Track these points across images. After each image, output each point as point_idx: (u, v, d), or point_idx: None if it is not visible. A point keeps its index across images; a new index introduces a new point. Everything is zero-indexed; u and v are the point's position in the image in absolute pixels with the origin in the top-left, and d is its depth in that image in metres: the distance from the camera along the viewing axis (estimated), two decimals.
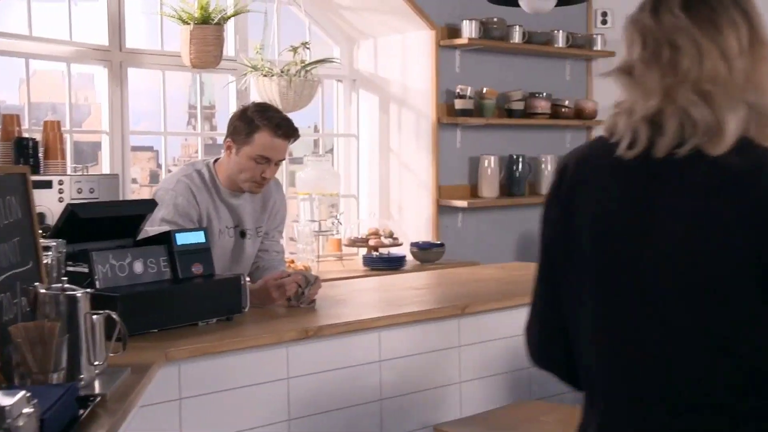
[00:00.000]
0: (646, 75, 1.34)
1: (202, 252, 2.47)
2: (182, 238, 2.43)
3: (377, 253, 4.65)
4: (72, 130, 4.07)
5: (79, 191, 3.47)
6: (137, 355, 2.01)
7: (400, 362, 2.66)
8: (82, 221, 2.22)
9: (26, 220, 1.85)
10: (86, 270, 2.21)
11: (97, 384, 1.73)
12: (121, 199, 3.75)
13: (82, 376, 1.68)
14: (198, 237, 2.47)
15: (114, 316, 1.76)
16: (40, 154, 3.49)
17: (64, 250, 2.10)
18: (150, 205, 2.43)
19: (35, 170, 3.45)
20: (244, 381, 2.31)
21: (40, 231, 2.00)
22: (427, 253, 4.67)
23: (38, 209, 3.25)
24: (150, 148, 6.16)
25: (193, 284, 2.39)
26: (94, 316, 1.75)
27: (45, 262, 2.03)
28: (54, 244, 2.04)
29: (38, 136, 3.54)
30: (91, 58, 4.10)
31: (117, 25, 4.13)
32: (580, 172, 1.39)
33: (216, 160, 2.90)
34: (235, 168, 2.80)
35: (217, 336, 2.29)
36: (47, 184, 3.40)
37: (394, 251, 4.69)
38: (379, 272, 4.42)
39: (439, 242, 4.74)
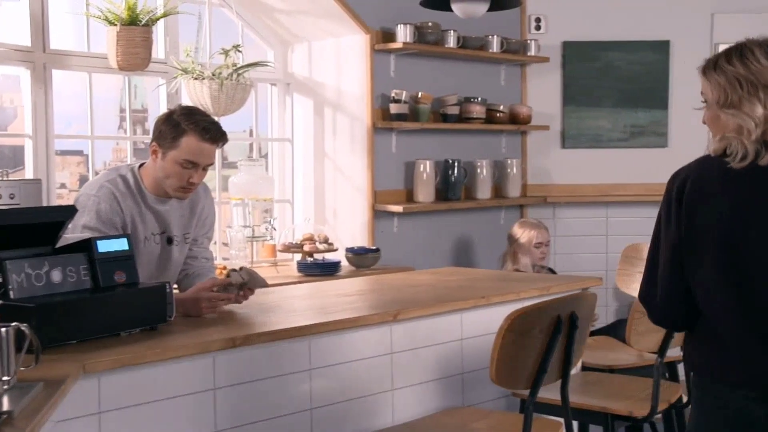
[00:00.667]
0: (751, 109, 1.88)
1: (125, 259, 2.39)
2: (104, 246, 2.35)
3: (312, 259, 4.60)
4: None
5: None
6: (53, 369, 1.93)
7: (331, 370, 2.62)
8: None
9: None
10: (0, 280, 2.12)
11: (5, 400, 1.65)
12: (44, 204, 3.63)
13: None
14: (121, 244, 2.39)
15: (24, 328, 1.68)
16: None
17: None
18: (69, 211, 2.34)
19: None
20: (167, 393, 2.24)
21: None
22: (362, 259, 4.64)
23: None
24: (80, 152, 6.00)
25: (115, 293, 2.31)
26: (2, 329, 1.67)
27: None
28: None
29: None
30: (12, 59, 3.96)
31: (40, 26, 4.00)
32: (697, 183, 1.92)
33: (141, 165, 2.82)
34: (162, 173, 2.72)
35: (139, 346, 2.21)
36: None
37: (329, 257, 4.64)
38: (313, 278, 4.36)
39: (374, 247, 4.71)
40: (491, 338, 2.34)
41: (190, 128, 2.67)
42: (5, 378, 1.65)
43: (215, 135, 2.70)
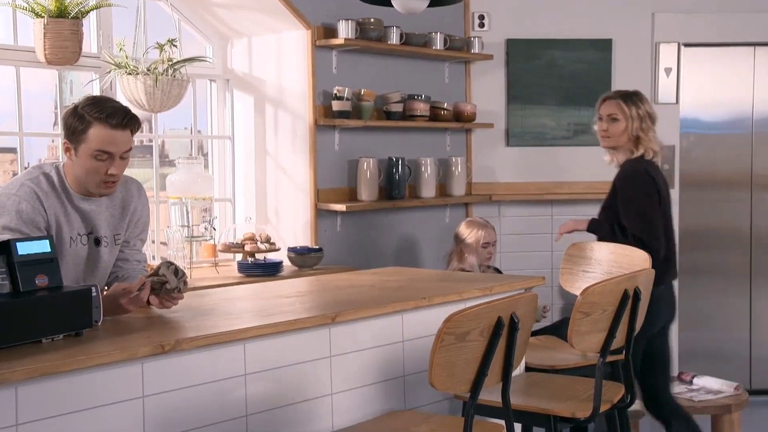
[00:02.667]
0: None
1: (47, 262, 2.27)
2: (24, 248, 2.23)
3: (253, 259, 4.49)
4: None
5: None
6: None
7: (268, 374, 2.53)
8: None
9: None
10: None
11: None
12: None
13: None
14: (42, 246, 2.27)
15: None
16: None
17: None
18: None
19: None
20: (92, 402, 2.13)
21: None
22: (304, 258, 4.55)
23: None
24: (14, 150, 5.81)
25: (36, 297, 2.19)
26: None
27: None
28: None
29: None
30: None
31: None
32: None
33: (65, 164, 2.69)
34: (79, 170, 2.59)
35: (61, 354, 2.10)
36: None
37: (271, 257, 4.55)
38: (255, 279, 4.27)
39: (317, 247, 4.63)
40: (433, 340, 2.28)
41: (94, 117, 2.54)
42: None
43: (122, 120, 2.56)
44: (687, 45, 5.52)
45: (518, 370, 3.11)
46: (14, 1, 3.84)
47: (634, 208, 3.61)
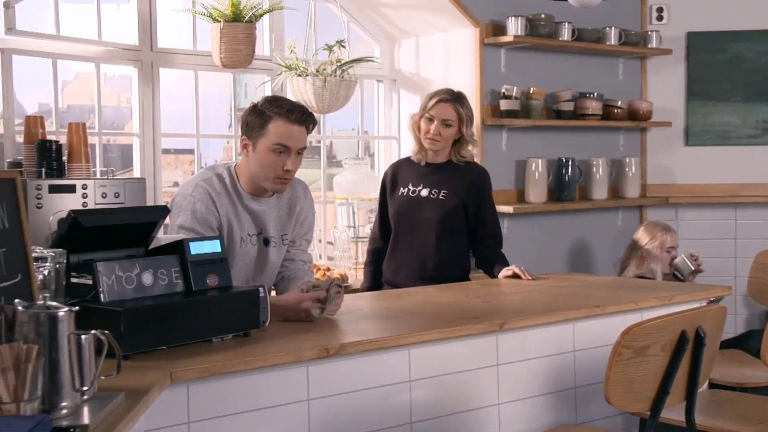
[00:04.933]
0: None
1: (218, 262, 2.29)
2: (196, 248, 2.26)
3: None
4: (101, 132, 3.95)
5: (104, 196, 3.34)
6: (139, 377, 1.85)
7: (433, 381, 2.46)
8: (85, 230, 2.07)
9: (15, 230, 1.69)
10: (90, 282, 2.05)
11: (85, 412, 1.56)
12: (148, 204, 3.62)
13: (64, 404, 1.51)
14: (214, 246, 2.30)
15: (101, 336, 1.59)
16: (64, 158, 3.37)
17: (64, 261, 1.96)
18: (161, 211, 2.27)
19: (59, 174, 3.34)
20: (259, 403, 2.13)
21: None
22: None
23: (59, 214, 3.14)
24: (192, 151, 6.08)
25: (207, 297, 2.22)
26: (83, 337, 1.59)
27: (46, 273, 1.89)
28: (51, 254, 1.88)
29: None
30: (120, 58, 3.98)
31: (148, 24, 4.00)
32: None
33: (238, 164, 2.73)
34: (256, 165, 2.63)
35: (230, 354, 2.11)
36: (71, 188, 3.28)
37: None
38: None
39: None
40: (607, 350, 2.14)
41: (274, 113, 2.59)
42: (84, 388, 1.56)
43: (300, 116, 2.60)
44: None
45: (701, 387, 2.89)
46: (194, 7, 3.98)
47: None
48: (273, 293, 2.82)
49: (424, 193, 3.34)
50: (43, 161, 3.27)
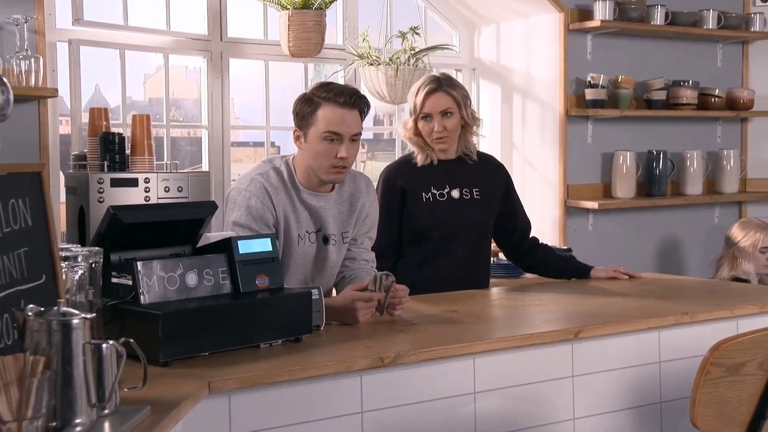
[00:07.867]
0: None
1: (268, 262, 2.15)
2: (245, 246, 2.12)
3: (496, 259, 4.23)
4: (168, 125, 3.88)
5: (167, 190, 3.26)
6: (173, 387, 1.72)
7: (501, 393, 2.26)
8: (126, 227, 1.95)
9: (39, 227, 1.58)
10: (130, 282, 1.94)
11: (105, 429, 1.44)
12: (212, 198, 3.53)
13: (78, 420, 1.39)
14: (264, 245, 2.16)
15: (118, 347, 1.46)
16: (128, 150, 3.30)
17: (100, 260, 1.84)
18: (209, 207, 2.13)
19: (122, 167, 3.27)
20: (307, 415, 1.98)
21: None
22: None
23: None
24: (262, 144, 6.03)
25: (256, 299, 2.08)
26: (104, 345, 1.46)
27: (80, 273, 1.78)
28: (85, 253, 1.77)
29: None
30: (189, 48, 3.90)
31: (218, 14, 3.91)
32: None
33: (295, 157, 2.59)
34: (310, 156, 2.48)
35: (276, 362, 1.96)
36: (133, 182, 3.21)
37: None
38: (495, 280, 4.00)
39: (566, 247, 4.32)
40: (697, 362, 1.91)
41: (322, 98, 2.43)
42: (102, 403, 1.44)
43: (350, 98, 2.43)
44: None
45: None
46: None
47: None
48: (333, 293, 2.67)
49: (455, 194, 3.03)
50: (105, 154, 3.21)
